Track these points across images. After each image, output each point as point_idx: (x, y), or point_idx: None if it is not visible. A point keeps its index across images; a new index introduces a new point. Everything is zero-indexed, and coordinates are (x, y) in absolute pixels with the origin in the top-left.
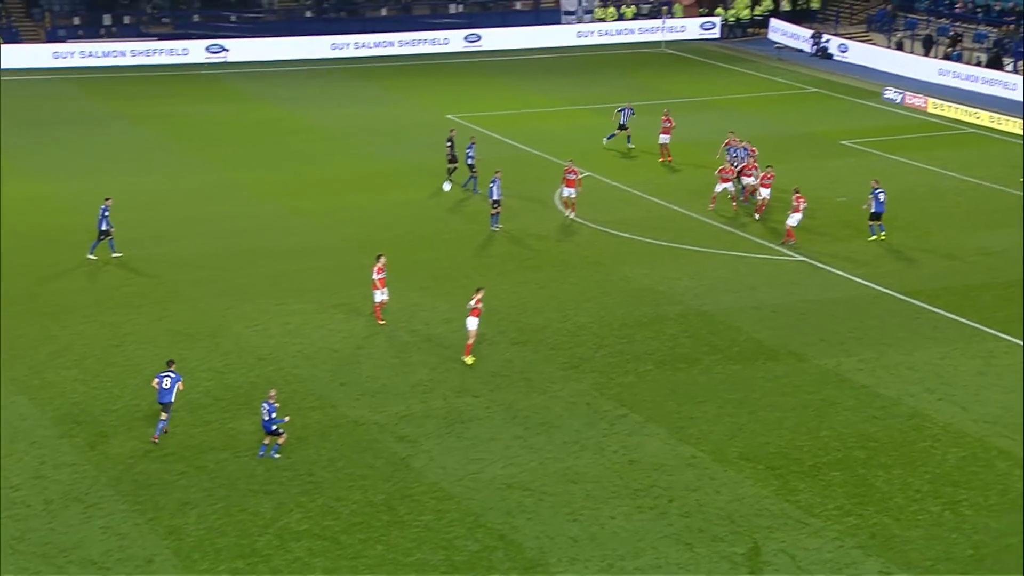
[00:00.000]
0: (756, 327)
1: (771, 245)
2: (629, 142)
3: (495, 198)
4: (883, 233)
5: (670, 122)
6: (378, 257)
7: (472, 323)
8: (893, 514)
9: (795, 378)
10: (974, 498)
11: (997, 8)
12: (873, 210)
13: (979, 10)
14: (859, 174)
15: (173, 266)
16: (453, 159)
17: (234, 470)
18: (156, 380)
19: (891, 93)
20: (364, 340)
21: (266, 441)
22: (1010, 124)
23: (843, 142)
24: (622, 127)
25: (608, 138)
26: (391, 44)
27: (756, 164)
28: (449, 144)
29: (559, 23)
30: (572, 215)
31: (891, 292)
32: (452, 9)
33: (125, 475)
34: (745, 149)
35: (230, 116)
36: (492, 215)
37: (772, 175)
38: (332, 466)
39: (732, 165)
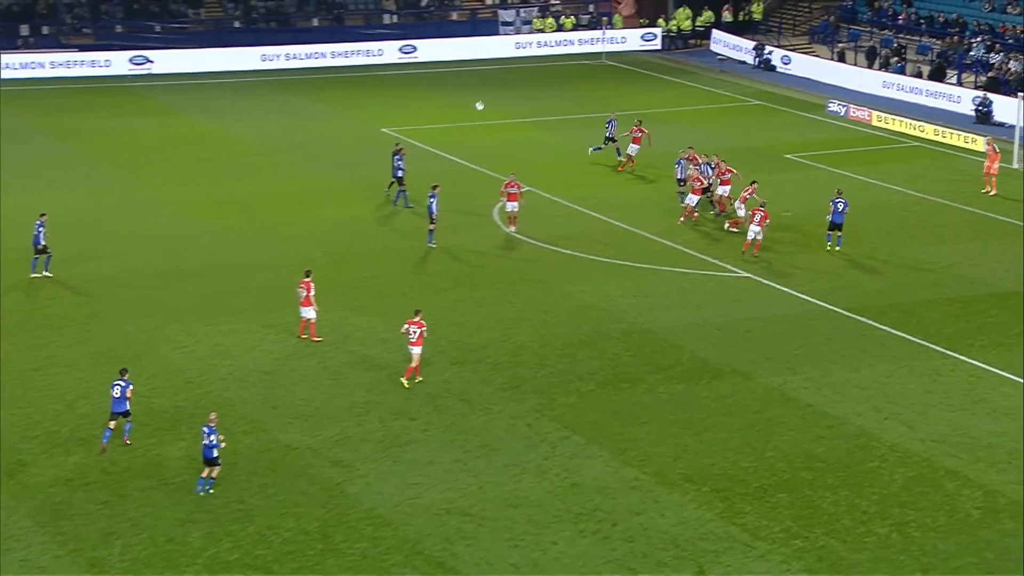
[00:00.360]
0: (700, 345)
1: (715, 261)
2: (620, 155)
3: (433, 213)
4: (838, 247)
5: (642, 132)
6: (307, 273)
7: (416, 350)
8: (840, 536)
9: (740, 397)
10: (922, 519)
11: (940, 20)
12: (831, 219)
13: (922, 22)
14: (803, 188)
15: (96, 286)
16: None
17: (160, 498)
18: (110, 388)
19: (835, 106)
20: (297, 362)
21: (204, 473)
22: (955, 137)
23: (787, 156)
24: (610, 139)
25: (593, 149)
26: (323, 55)
27: (729, 172)
28: (394, 158)
29: (497, 34)
30: (514, 230)
31: (837, 309)
32: (386, 20)
33: (45, 505)
34: (709, 165)
35: (156, 130)
36: (430, 231)
37: (752, 190)
38: (264, 493)
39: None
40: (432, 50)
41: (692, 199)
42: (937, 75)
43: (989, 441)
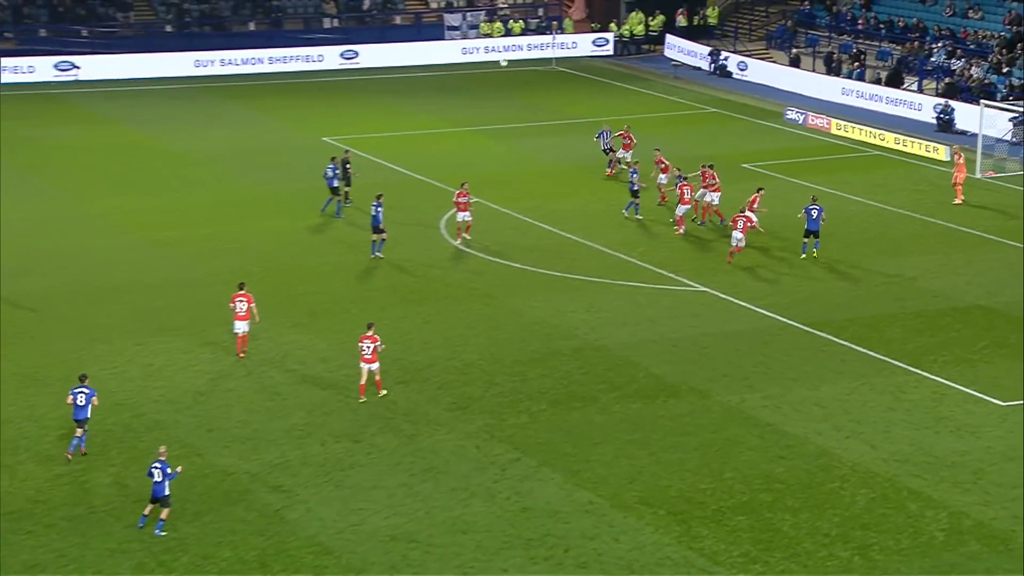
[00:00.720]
0: (656, 362)
1: (671, 275)
2: (609, 167)
3: (378, 224)
4: (815, 251)
5: (631, 139)
6: (240, 286)
7: (372, 367)
8: (801, 560)
9: (697, 416)
10: (884, 542)
11: (900, 24)
12: (806, 227)
13: (882, 26)
14: (764, 199)
15: (20, 303)
16: (348, 180)
17: (88, 528)
18: (71, 396)
19: (793, 113)
20: (234, 382)
21: (147, 511)
22: (916, 146)
23: (744, 165)
24: (608, 151)
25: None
26: (260, 61)
27: (713, 180)
28: (345, 166)
29: (442, 39)
30: (459, 242)
31: (796, 324)
32: (327, 24)
33: None
34: (681, 176)
35: (83, 139)
36: (373, 242)
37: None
38: (198, 520)
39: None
40: (375, 55)
41: (681, 209)
42: (894, 80)
43: (953, 460)
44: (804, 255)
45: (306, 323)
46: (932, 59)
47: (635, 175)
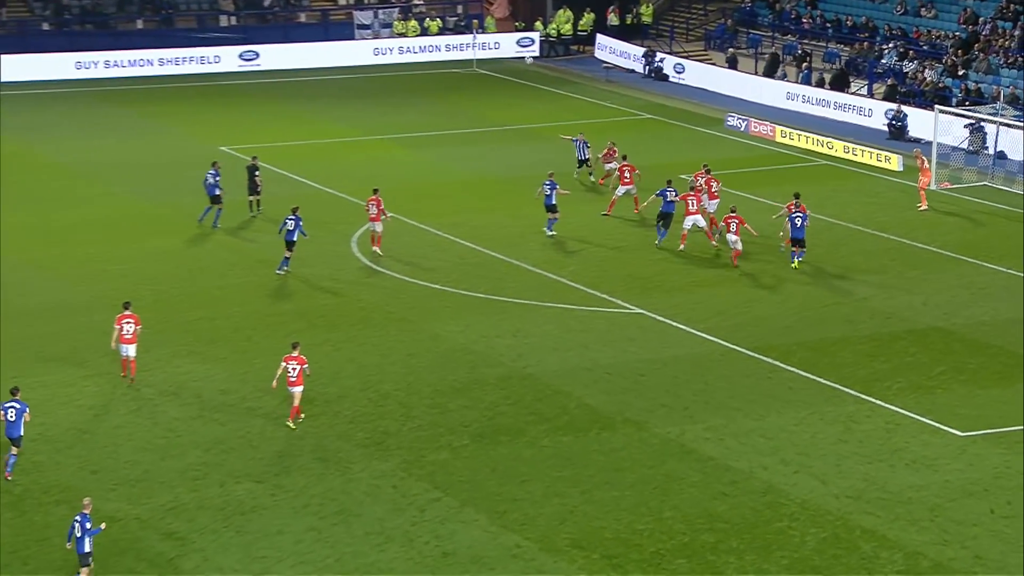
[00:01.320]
0: (588, 391)
1: (604, 296)
2: (591, 176)
3: (292, 239)
4: (800, 260)
5: (614, 153)
6: (125, 306)
7: (297, 390)
8: None
9: (633, 450)
10: None
11: (848, 23)
12: (792, 235)
13: (828, 25)
14: (701, 212)
15: None
16: (256, 188)
17: None
18: (0, 412)
19: (734, 120)
20: (122, 418)
21: (84, 574)
22: (866, 155)
23: (682, 176)
24: (583, 162)
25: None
26: (150, 63)
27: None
28: (252, 173)
29: (352, 38)
30: (377, 251)
31: (740, 348)
32: (224, 22)
33: None
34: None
35: None
36: (286, 258)
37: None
38: None
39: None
40: (277, 57)
41: (692, 221)
42: (839, 83)
43: (909, 496)
44: (794, 264)
45: (203, 351)
46: (883, 61)
47: (673, 192)
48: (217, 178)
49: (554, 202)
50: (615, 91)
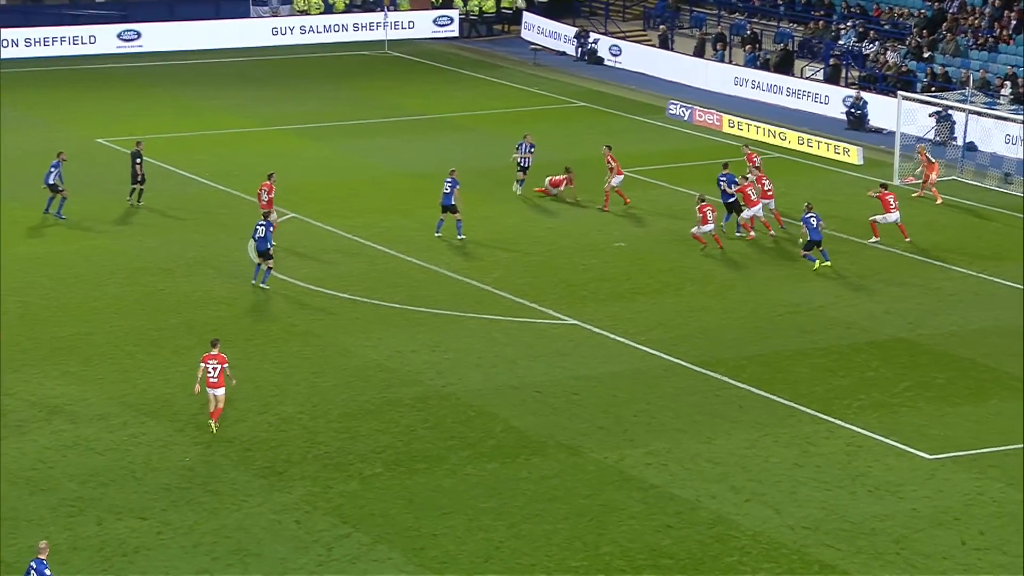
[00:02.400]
0: (516, 413)
1: (533, 305)
2: (520, 186)
3: (265, 247)
4: (827, 262)
5: (613, 161)
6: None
7: (219, 392)
8: None
9: (567, 478)
10: None
11: (802, 1)
12: (809, 238)
13: (780, 3)
14: (641, 212)
15: None
16: (138, 177)
17: None
18: None
19: (676, 108)
20: None
21: None
22: (823, 147)
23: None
24: (523, 168)
25: (519, 184)
26: (15, 43)
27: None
28: (135, 160)
29: (248, 16)
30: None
31: (685, 363)
32: None
33: None
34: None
35: None
36: (258, 266)
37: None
38: None
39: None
40: (162, 37)
41: (752, 212)
42: (785, 65)
43: (872, 527)
44: (815, 266)
45: (78, 372)
46: (840, 42)
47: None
48: (58, 167)
49: (452, 202)
50: (544, 76)
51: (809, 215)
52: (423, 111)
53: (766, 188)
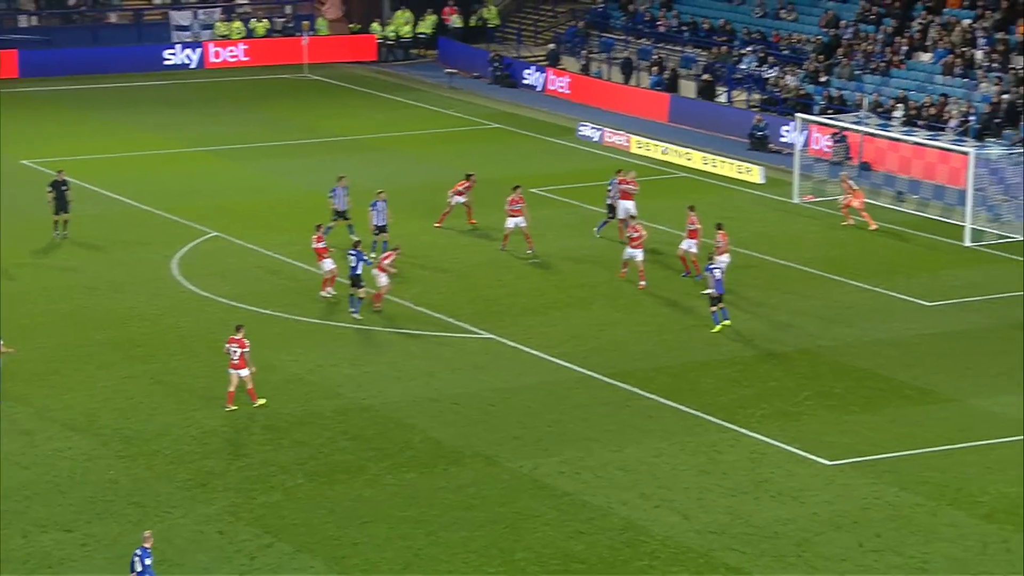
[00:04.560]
0: (434, 424)
1: (450, 320)
2: (352, 232)
3: (356, 273)
4: (727, 320)
5: (634, 184)
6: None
7: (243, 372)
8: None
9: (483, 487)
10: None
11: (705, 27)
12: (714, 291)
13: (685, 28)
14: (554, 228)
15: None
16: (61, 204)
17: None
18: None
19: (587, 129)
20: None
21: None
22: (727, 167)
23: (532, 190)
24: (340, 215)
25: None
26: None
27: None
28: (60, 188)
29: (169, 41)
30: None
31: (596, 375)
32: (23, 21)
33: None
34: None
35: None
36: (351, 296)
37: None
38: None
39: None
40: (85, 61)
41: (633, 253)
42: (707, 93)
43: (775, 530)
44: (717, 328)
45: (4, 388)
46: (742, 66)
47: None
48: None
49: (383, 223)
50: (459, 98)
51: (714, 265)
52: (341, 132)
53: (692, 228)
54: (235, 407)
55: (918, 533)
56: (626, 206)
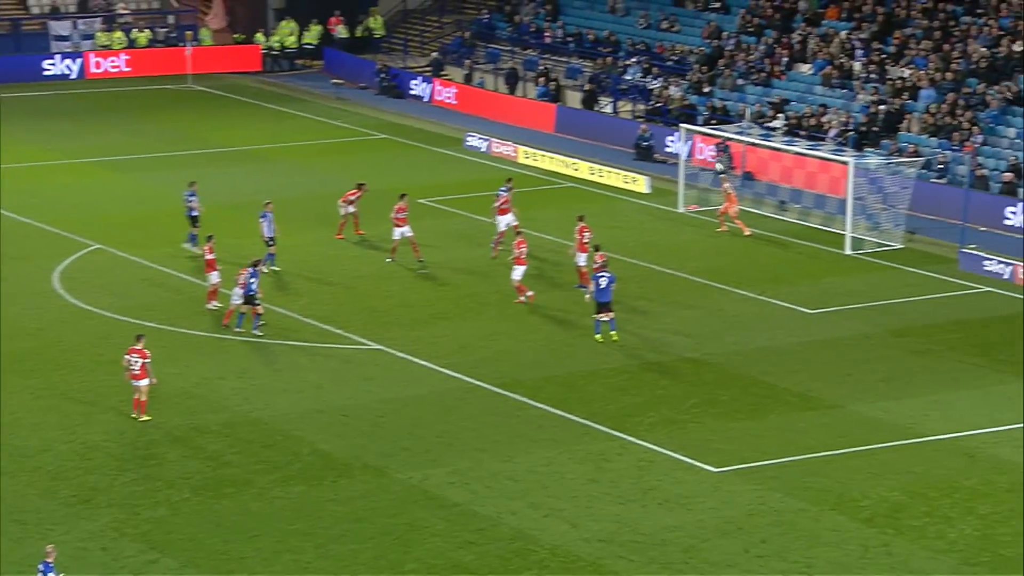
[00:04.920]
0: (323, 436)
1: (338, 331)
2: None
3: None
4: (613, 333)
5: (506, 198)
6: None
7: (142, 383)
8: None
9: (373, 499)
10: None
11: (591, 38)
12: (597, 299)
13: (570, 39)
14: (442, 239)
15: None
16: None
17: None
18: None
19: (474, 140)
20: None
21: None
22: (613, 176)
23: (420, 200)
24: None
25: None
26: None
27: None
28: None
29: (49, 51)
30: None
31: (485, 385)
32: None
33: None
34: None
35: None
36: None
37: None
38: None
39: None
40: None
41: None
42: (588, 102)
43: (663, 538)
44: (599, 337)
45: None
46: (627, 77)
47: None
48: None
49: (271, 234)
50: (346, 109)
51: (600, 274)
52: (227, 143)
53: (584, 240)
54: (148, 417)
55: (802, 538)
56: (507, 220)
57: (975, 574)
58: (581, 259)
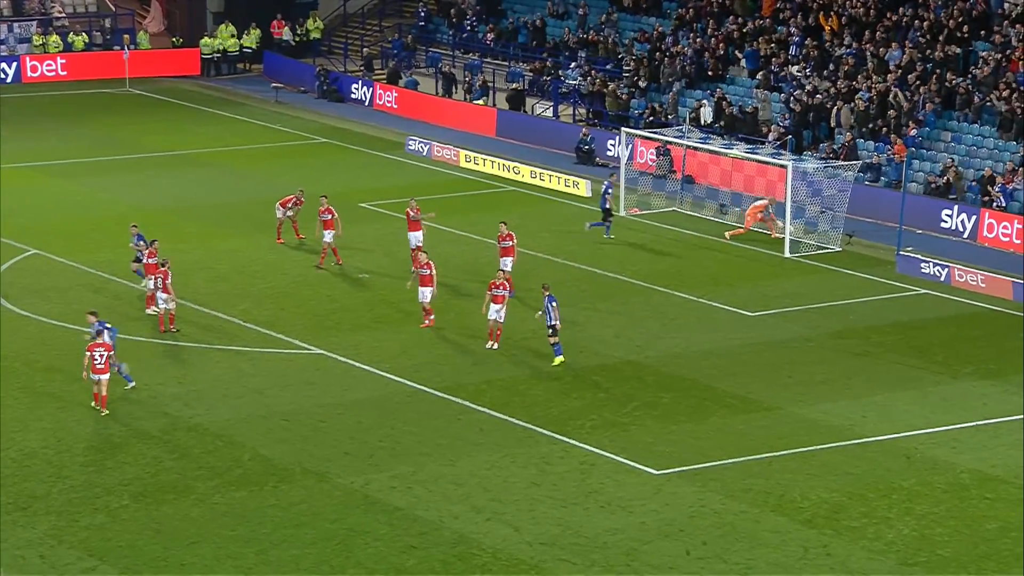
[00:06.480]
0: (264, 441)
1: (279, 336)
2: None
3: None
4: (559, 357)
5: (417, 211)
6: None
7: (103, 377)
8: None
9: (314, 504)
10: None
11: (533, 43)
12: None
13: (510, 44)
14: (383, 243)
15: None
16: None
17: None
18: None
19: (415, 143)
20: None
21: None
22: (554, 180)
23: (361, 204)
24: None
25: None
26: None
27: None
28: None
29: None
30: None
31: (427, 389)
32: None
33: None
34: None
35: None
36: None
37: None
38: None
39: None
40: None
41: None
42: (515, 102)
43: (605, 540)
44: (556, 362)
45: None
46: (570, 81)
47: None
48: None
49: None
50: (287, 113)
51: (550, 298)
52: (166, 148)
53: (506, 246)
54: (107, 411)
55: (742, 540)
56: (416, 236)
57: (913, 574)
58: (507, 264)
